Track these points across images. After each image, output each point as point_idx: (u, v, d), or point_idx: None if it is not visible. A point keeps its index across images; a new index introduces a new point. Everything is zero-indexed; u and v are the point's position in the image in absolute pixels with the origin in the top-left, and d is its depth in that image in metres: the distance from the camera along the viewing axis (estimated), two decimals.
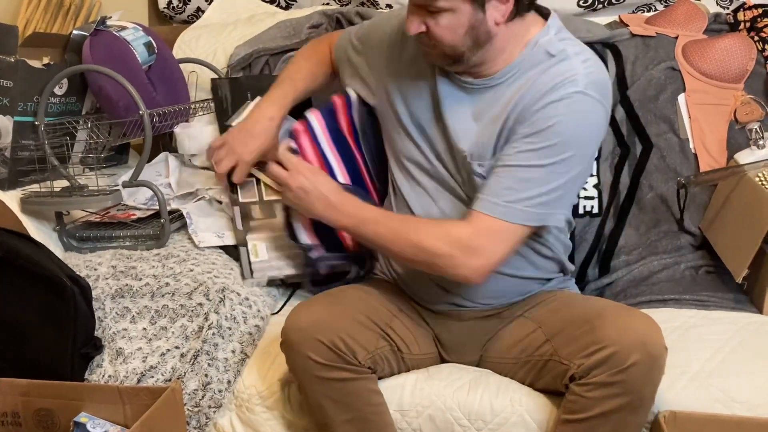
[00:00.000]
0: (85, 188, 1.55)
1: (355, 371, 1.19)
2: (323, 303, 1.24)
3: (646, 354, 1.08)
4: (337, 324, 1.18)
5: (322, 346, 1.16)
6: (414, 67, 1.32)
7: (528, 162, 1.17)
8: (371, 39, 1.42)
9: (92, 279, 1.43)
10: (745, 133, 1.73)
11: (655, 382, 1.12)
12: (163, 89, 1.70)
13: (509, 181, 1.18)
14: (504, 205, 1.16)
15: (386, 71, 1.36)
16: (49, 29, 2.12)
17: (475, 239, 1.17)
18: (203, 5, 2.20)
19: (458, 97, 1.27)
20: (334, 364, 1.17)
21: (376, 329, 1.25)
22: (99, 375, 1.36)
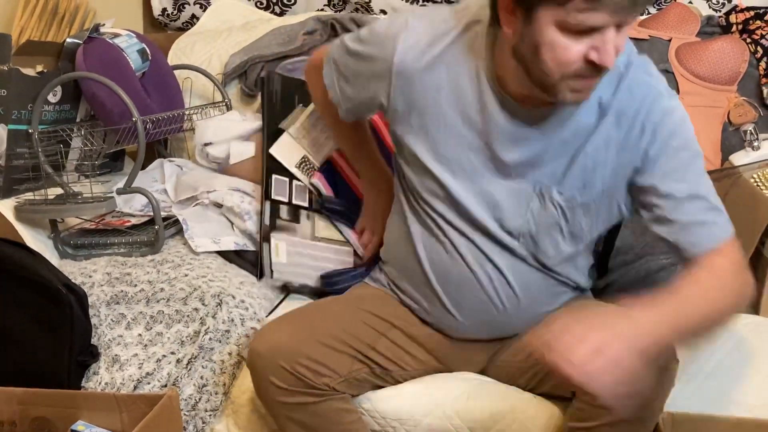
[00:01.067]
0: (79, 196, 1.55)
1: (320, 395, 1.16)
2: (290, 325, 1.20)
3: (657, 365, 1.05)
4: (301, 349, 1.14)
5: (285, 371, 1.13)
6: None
7: (695, 178, 1.11)
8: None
9: (87, 286, 1.42)
10: (739, 135, 1.74)
11: (665, 393, 1.11)
12: (158, 96, 1.70)
13: (702, 204, 1.10)
14: (728, 221, 1.12)
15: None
16: (44, 37, 2.12)
17: (739, 261, 1.10)
18: (198, 12, 2.20)
19: (521, 133, 1.13)
20: (297, 389, 1.14)
21: (350, 352, 1.20)
22: (95, 382, 1.35)
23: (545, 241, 1.19)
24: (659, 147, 1.10)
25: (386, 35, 1.16)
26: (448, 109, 1.15)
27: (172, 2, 2.20)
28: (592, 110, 1.11)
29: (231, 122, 1.73)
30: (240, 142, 1.69)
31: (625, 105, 1.11)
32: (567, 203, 1.16)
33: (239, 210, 1.58)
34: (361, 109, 1.28)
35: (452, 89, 1.14)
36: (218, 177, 1.68)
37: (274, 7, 2.19)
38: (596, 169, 1.14)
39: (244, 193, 1.62)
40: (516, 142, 1.13)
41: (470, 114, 1.14)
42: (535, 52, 1.00)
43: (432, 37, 1.14)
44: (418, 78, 1.15)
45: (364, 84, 1.21)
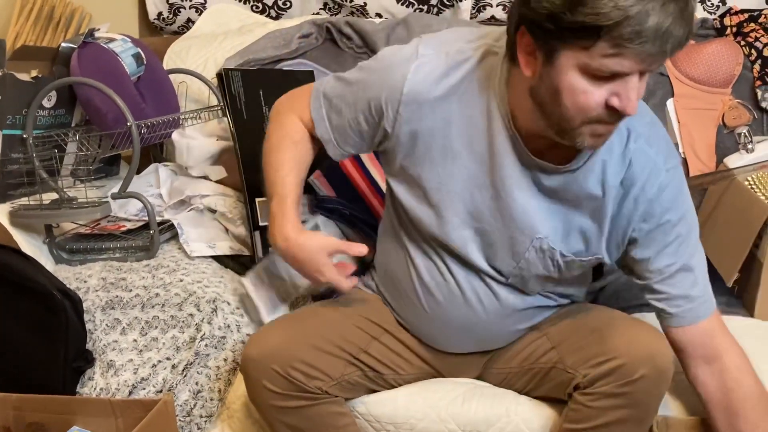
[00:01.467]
0: (74, 201, 1.54)
1: (313, 398, 1.16)
2: (283, 330, 1.20)
3: (654, 368, 1.07)
4: (293, 352, 1.15)
5: (278, 375, 1.13)
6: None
7: (689, 252, 1.13)
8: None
9: (82, 291, 1.42)
10: (733, 137, 1.74)
11: (661, 396, 1.12)
12: (153, 100, 1.70)
13: (689, 277, 1.13)
14: (711, 300, 1.15)
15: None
16: (39, 42, 2.12)
17: (724, 340, 1.16)
18: (193, 16, 2.20)
19: (527, 180, 1.11)
20: (290, 393, 1.15)
21: (343, 355, 1.20)
22: (90, 388, 1.35)
23: (534, 282, 1.19)
24: (655, 223, 1.10)
25: (394, 63, 1.12)
26: (457, 141, 1.11)
27: (168, 6, 2.20)
28: (597, 180, 1.09)
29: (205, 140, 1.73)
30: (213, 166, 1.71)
31: (624, 178, 1.09)
32: (565, 263, 1.15)
33: (232, 215, 1.59)
34: (352, 142, 1.20)
35: (463, 122, 1.10)
36: (205, 182, 1.69)
37: (269, 10, 2.19)
38: (593, 236, 1.13)
39: (237, 199, 1.62)
40: (521, 189, 1.11)
41: (479, 149, 1.10)
42: (555, 95, 0.97)
43: (447, 68, 1.10)
44: (429, 108, 1.10)
45: (362, 113, 1.15)
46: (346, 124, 1.18)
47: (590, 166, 1.08)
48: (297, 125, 1.23)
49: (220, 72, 1.54)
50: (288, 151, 1.22)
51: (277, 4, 2.17)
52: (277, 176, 1.21)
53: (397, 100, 1.11)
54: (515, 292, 1.20)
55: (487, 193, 1.12)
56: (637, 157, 1.08)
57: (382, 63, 1.15)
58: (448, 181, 1.13)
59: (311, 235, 1.19)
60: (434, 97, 1.10)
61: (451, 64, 1.10)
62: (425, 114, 1.11)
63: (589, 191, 1.09)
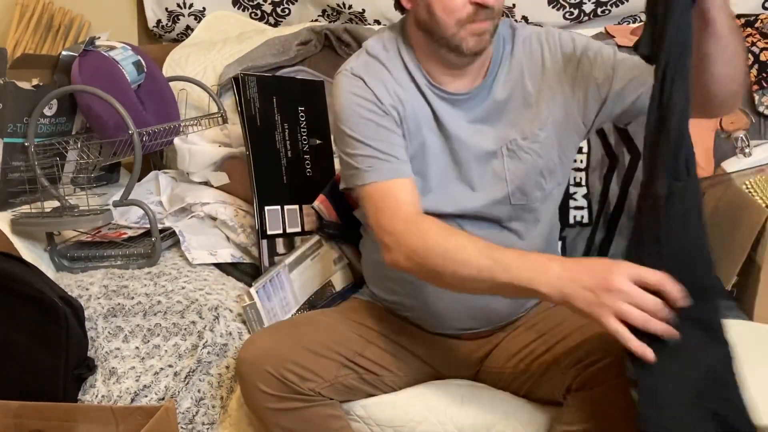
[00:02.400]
0: (75, 208, 1.55)
1: (307, 400, 1.17)
2: (277, 333, 1.22)
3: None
4: (287, 354, 1.16)
5: (272, 377, 1.14)
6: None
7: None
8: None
9: (84, 299, 1.43)
10: (731, 142, 1.75)
11: None
12: (153, 108, 1.71)
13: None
14: None
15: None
16: (39, 50, 2.13)
17: None
18: (192, 24, 2.21)
19: (453, 108, 1.23)
20: (284, 395, 1.16)
21: (337, 358, 1.21)
22: (92, 395, 1.35)
23: (531, 186, 1.24)
24: (590, 59, 1.22)
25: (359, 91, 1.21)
26: (411, 119, 1.22)
27: (167, 14, 2.21)
28: (504, 58, 1.24)
29: (207, 147, 1.74)
30: (215, 172, 1.72)
31: (528, 44, 1.25)
32: (533, 143, 1.23)
33: (233, 223, 1.59)
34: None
35: (409, 96, 1.22)
36: (206, 189, 1.70)
37: (268, 17, 2.20)
38: (539, 102, 1.23)
39: (238, 207, 1.63)
40: (465, 126, 1.22)
41: (422, 114, 1.22)
42: (429, 10, 1.15)
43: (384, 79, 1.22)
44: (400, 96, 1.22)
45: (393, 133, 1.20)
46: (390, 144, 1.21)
47: (498, 73, 1.23)
48: (422, 219, 1.15)
49: (236, 76, 1.52)
50: (458, 236, 1.11)
51: (275, 11, 2.19)
52: (486, 256, 1.05)
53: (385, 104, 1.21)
54: (517, 226, 1.25)
55: (445, 146, 1.23)
56: (527, 36, 1.25)
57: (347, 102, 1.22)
58: (423, 151, 1.23)
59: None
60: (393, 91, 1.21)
61: (383, 75, 1.23)
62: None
63: (507, 71, 1.23)
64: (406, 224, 1.12)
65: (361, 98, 1.19)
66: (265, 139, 1.55)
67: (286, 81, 1.76)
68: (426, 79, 1.23)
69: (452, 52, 1.17)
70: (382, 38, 1.27)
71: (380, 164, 1.17)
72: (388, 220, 1.14)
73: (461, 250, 1.06)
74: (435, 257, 1.07)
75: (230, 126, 1.81)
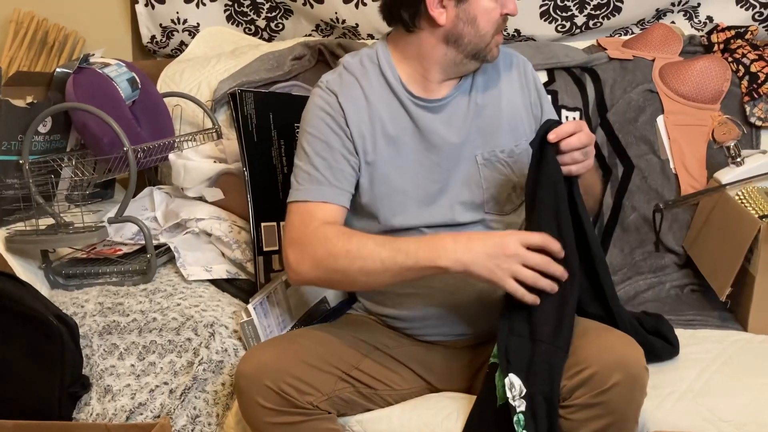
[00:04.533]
0: (70, 225, 1.55)
1: (306, 414, 1.17)
2: (274, 347, 1.22)
3: (627, 374, 1.08)
4: (285, 368, 1.16)
5: (270, 391, 1.14)
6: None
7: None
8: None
9: (79, 316, 1.42)
10: (723, 152, 1.76)
11: (637, 402, 1.12)
12: (148, 124, 1.71)
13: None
14: None
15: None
16: (33, 67, 2.13)
17: None
18: (186, 39, 2.22)
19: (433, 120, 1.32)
20: (283, 409, 1.16)
21: (334, 371, 1.22)
22: (87, 413, 1.35)
23: (504, 198, 1.33)
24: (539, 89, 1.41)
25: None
26: (390, 127, 1.30)
27: (161, 30, 2.21)
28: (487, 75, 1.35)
29: (202, 162, 1.74)
30: (210, 188, 1.72)
31: (508, 58, 1.39)
32: (509, 157, 1.33)
33: (228, 239, 1.59)
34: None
35: (383, 108, 1.30)
36: (200, 204, 1.70)
37: (262, 32, 2.21)
38: (515, 118, 1.35)
39: (233, 223, 1.63)
40: (446, 128, 1.30)
41: (404, 127, 1.30)
42: (473, 23, 1.26)
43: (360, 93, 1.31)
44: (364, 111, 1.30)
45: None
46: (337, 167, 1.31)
47: (476, 78, 1.34)
48: (328, 228, 1.21)
49: (234, 92, 1.53)
50: (358, 236, 1.20)
51: (269, 26, 2.20)
52: (387, 247, 1.16)
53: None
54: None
55: (425, 152, 1.30)
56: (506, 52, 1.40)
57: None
58: (404, 157, 1.30)
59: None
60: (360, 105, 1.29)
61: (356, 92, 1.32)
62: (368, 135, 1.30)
63: (487, 83, 1.34)
64: (311, 235, 1.20)
65: (328, 115, 1.28)
66: (261, 155, 1.55)
67: (283, 97, 1.76)
68: (405, 91, 1.31)
69: (476, 60, 1.30)
70: (360, 55, 1.35)
71: (314, 185, 1.25)
72: (297, 232, 1.22)
73: (363, 247, 1.16)
74: (340, 259, 1.17)
75: (225, 141, 1.82)
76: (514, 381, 1.10)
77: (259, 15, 2.18)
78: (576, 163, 1.18)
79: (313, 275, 1.21)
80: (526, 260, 1.11)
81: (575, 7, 1.98)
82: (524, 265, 1.11)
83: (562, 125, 1.17)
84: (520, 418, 1.09)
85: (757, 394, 1.24)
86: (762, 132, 1.79)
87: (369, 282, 1.19)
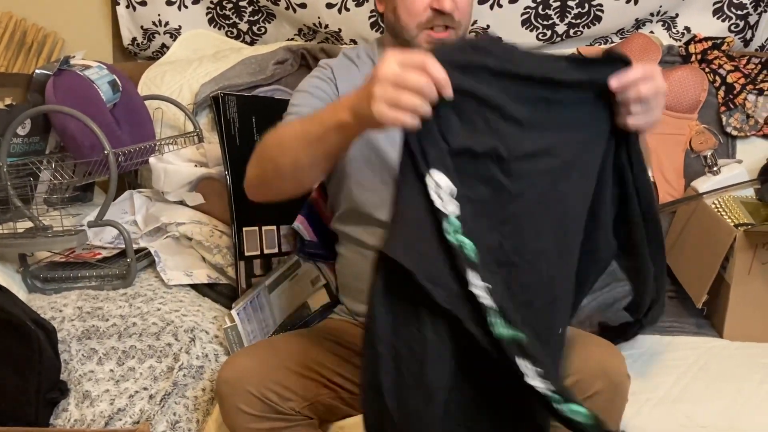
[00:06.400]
0: (49, 229, 1.53)
1: (288, 419, 1.17)
2: (256, 353, 1.22)
3: (608, 382, 1.09)
4: (268, 374, 1.16)
5: (253, 397, 1.14)
6: None
7: None
8: None
9: (57, 321, 1.40)
10: (700, 161, 1.79)
11: (619, 410, 1.14)
12: (129, 127, 1.70)
13: None
14: None
15: None
16: (11, 67, 2.10)
17: None
18: (168, 42, 2.21)
19: None
20: (265, 415, 1.15)
21: (315, 377, 1.22)
22: (64, 419, 1.33)
23: None
24: None
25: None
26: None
27: (142, 32, 2.20)
28: None
29: (183, 166, 1.73)
30: (191, 192, 1.71)
31: None
32: None
33: (208, 244, 1.58)
34: None
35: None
36: (181, 208, 1.69)
37: (244, 36, 2.20)
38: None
39: (214, 227, 1.62)
40: None
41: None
42: (395, 12, 1.25)
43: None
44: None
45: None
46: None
47: None
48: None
49: (216, 96, 1.52)
50: (286, 124, 1.13)
51: (251, 30, 2.19)
52: (302, 121, 1.08)
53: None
54: None
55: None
56: None
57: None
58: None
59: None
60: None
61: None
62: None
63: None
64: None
65: (320, 79, 1.32)
66: (244, 159, 1.53)
67: (266, 101, 1.76)
68: None
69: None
70: (358, 48, 1.40)
71: (291, 116, 1.24)
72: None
73: (286, 127, 1.10)
74: (270, 147, 1.10)
75: (206, 145, 1.81)
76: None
77: (241, 18, 2.17)
78: (632, 116, 0.98)
79: (252, 173, 1.14)
80: (399, 81, 0.89)
81: (556, 15, 2.01)
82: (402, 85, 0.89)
83: (628, 71, 0.96)
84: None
85: (733, 399, 1.26)
86: (738, 141, 1.82)
87: (297, 161, 1.06)
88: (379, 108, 0.89)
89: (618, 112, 0.98)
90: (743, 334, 1.48)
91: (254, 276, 1.53)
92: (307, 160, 1.05)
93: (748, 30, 1.97)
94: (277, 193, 1.15)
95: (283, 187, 1.12)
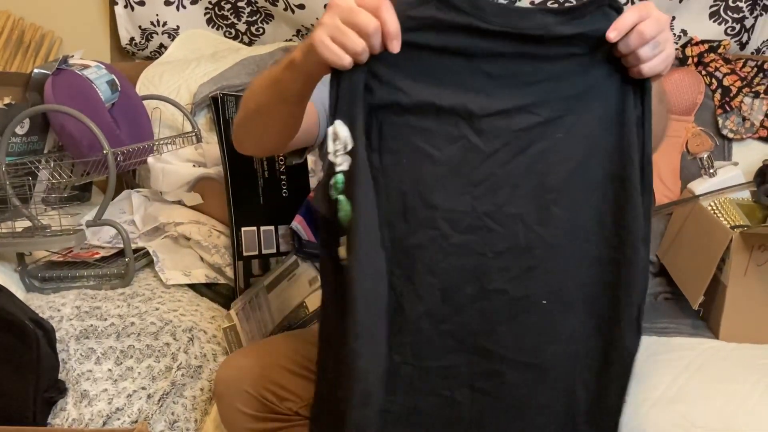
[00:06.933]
0: (47, 228, 1.53)
1: (285, 420, 1.18)
2: (254, 353, 1.23)
3: None
4: (265, 374, 1.17)
5: (251, 397, 1.15)
6: None
7: None
8: None
9: (56, 320, 1.40)
10: (696, 163, 1.80)
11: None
12: (127, 127, 1.70)
13: None
14: None
15: None
16: (8, 67, 2.10)
17: None
18: (166, 42, 2.21)
19: None
20: (262, 415, 1.16)
21: (312, 377, 1.19)
22: (63, 419, 1.33)
23: None
24: None
25: None
26: None
27: (140, 32, 2.20)
28: None
29: (181, 166, 1.73)
30: (189, 192, 1.71)
31: None
32: None
33: (206, 244, 1.59)
34: None
35: None
36: (179, 208, 1.69)
37: (242, 36, 2.21)
38: None
39: (212, 227, 1.62)
40: None
41: None
42: None
43: None
44: None
45: None
46: None
47: None
48: None
49: (215, 96, 1.53)
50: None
51: (249, 30, 2.19)
52: (274, 66, 1.00)
53: None
54: None
55: None
56: None
57: None
58: None
59: None
60: None
61: None
62: None
63: None
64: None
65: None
66: (242, 160, 1.55)
67: None
68: None
69: None
70: None
71: None
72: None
73: (258, 78, 1.03)
74: (248, 99, 1.05)
75: (204, 145, 1.81)
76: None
77: (239, 19, 2.17)
78: (644, 62, 0.87)
79: (234, 122, 1.10)
80: (345, 16, 0.82)
81: None
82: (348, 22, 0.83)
83: (622, 16, 0.85)
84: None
85: (729, 400, 1.26)
86: (734, 144, 1.83)
87: (254, 108, 1.03)
88: (320, 36, 0.83)
89: (629, 64, 0.88)
90: (739, 335, 1.49)
91: (252, 276, 1.53)
92: (266, 101, 1.00)
93: (744, 33, 1.98)
94: (254, 143, 1.10)
95: (254, 132, 1.07)
